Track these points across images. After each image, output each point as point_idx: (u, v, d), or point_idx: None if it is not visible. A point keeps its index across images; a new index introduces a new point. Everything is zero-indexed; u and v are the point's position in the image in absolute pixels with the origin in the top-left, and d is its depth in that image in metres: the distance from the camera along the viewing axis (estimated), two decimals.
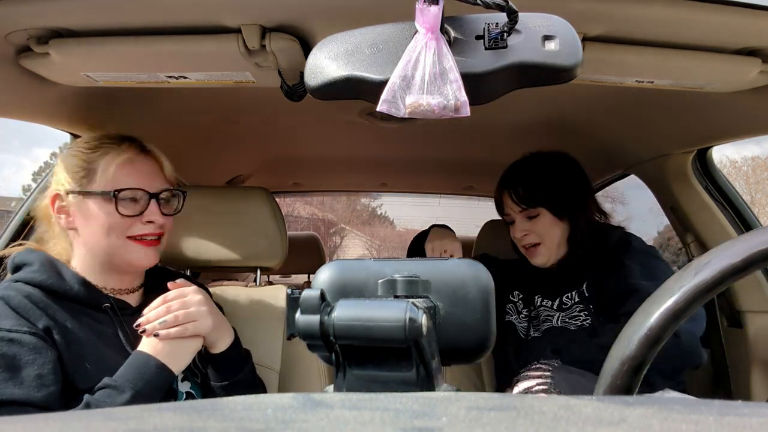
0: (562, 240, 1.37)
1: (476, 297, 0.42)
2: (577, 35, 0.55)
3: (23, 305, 0.91)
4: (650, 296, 0.43)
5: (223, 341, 1.04)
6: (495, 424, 0.23)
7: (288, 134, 1.91)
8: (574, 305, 1.34)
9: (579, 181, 1.40)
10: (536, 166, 1.40)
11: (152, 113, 1.48)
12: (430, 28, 0.55)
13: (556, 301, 1.39)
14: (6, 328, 0.88)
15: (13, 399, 0.83)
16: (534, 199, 1.35)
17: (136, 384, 0.89)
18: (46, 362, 0.88)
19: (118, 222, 0.99)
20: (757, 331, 1.56)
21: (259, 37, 0.91)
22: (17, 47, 0.96)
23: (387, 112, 0.55)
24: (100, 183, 0.99)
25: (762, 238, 0.40)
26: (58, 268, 0.99)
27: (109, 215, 0.99)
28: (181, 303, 0.98)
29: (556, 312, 1.38)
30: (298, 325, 0.37)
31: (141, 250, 1.02)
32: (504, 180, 1.42)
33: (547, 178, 1.37)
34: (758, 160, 14.31)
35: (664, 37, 0.93)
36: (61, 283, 0.96)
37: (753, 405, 0.26)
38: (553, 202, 1.34)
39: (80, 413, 0.25)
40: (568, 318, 1.34)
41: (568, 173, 1.39)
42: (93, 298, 0.99)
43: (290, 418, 0.24)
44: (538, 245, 1.37)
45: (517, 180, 1.39)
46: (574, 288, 1.35)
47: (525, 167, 1.41)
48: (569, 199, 1.35)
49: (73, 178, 1.00)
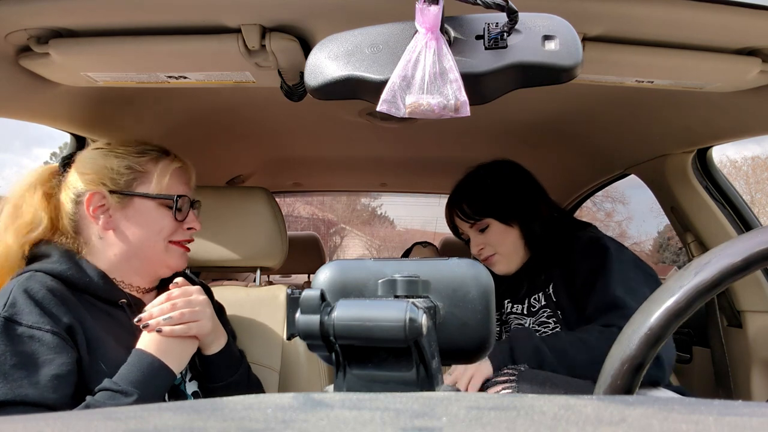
0: (517, 246, 1.38)
1: (476, 297, 0.42)
2: (577, 35, 0.55)
3: (47, 300, 0.89)
4: (650, 296, 0.43)
5: (218, 343, 1.05)
6: (495, 424, 0.23)
7: (288, 134, 1.91)
8: (542, 309, 1.35)
9: (523, 185, 1.41)
10: (477, 180, 1.43)
11: (152, 113, 1.48)
12: (430, 28, 0.55)
13: (525, 304, 1.40)
14: (28, 324, 0.86)
15: (26, 399, 0.82)
16: (479, 212, 1.38)
17: (140, 387, 0.88)
18: (65, 363, 0.86)
19: (170, 226, 1.03)
20: (757, 331, 1.56)
21: (259, 37, 0.91)
22: (17, 47, 0.96)
23: (387, 112, 0.55)
24: (155, 187, 1.02)
25: (762, 238, 0.40)
26: (77, 260, 0.98)
27: (162, 218, 1.03)
28: (186, 301, 0.98)
29: (526, 317, 1.38)
30: (298, 325, 0.37)
31: (181, 254, 1.07)
32: (450, 201, 1.45)
33: (489, 188, 1.39)
34: (758, 160, 14.31)
35: (664, 37, 0.93)
36: (81, 275, 0.96)
37: (753, 405, 0.26)
38: (497, 210, 1.37)
39: (80, 413, 0.25)
40: (537, 324, 1.35)
41: (509, 180, 1.41)
42: (110, 293, 0.99)
43: (290, 417, 0.24)
44: (494, 255, 1.39)
45: (461, 197, 1.41)
46: (539, 290, 1.36)
47: (467, 183, 1.44)
48: (514, 204, 1.37)
49: (116, 179, 1.01)
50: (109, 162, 1.02)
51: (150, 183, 1.03)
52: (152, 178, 1.03)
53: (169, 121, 1.56)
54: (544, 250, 1.36)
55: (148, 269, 1.05)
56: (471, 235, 1.41)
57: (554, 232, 1.37)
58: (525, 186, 1.41)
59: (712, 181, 1.63)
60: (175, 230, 1.04)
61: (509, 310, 1.44)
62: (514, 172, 1.43)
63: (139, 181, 1.02)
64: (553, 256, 1.35)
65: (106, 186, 1.01)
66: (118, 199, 1.01)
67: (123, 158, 1.03)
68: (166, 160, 1.05)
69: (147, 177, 1.03)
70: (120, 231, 1.01)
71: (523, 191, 1.40)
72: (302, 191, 3.10)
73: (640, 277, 1.25)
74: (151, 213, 1.02)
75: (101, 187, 1.01)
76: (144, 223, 1.02)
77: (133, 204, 1.01)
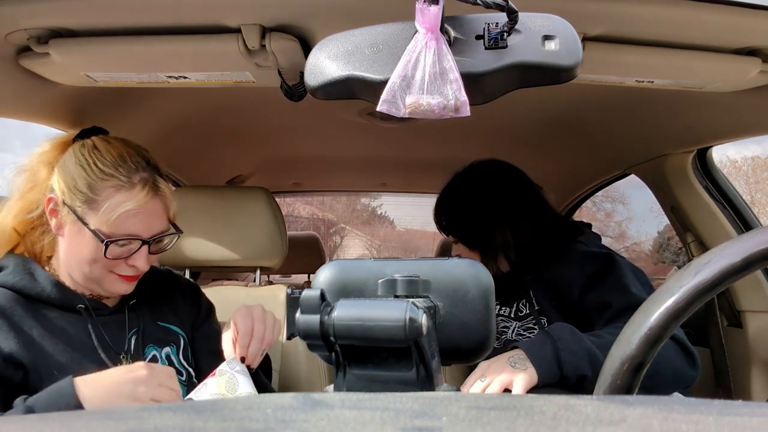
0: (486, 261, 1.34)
1: (476, 297, 0.42)
2: (577, 35, 0.55)
3: None
4: (650, 296, 0.43)
5: None
6: (495, 424, 0.23)
7: (288, 134, 1.91)
8: (528, 316, 1.33)
9: (496, 199, 1.34)
10: (445, 196, 1.40)
11: (152, 113, 1.48)
12: (430, 28, 0.55)
13: (513, 308, 1.38)
14: None
15: None
16: (445, 229, 1.39)
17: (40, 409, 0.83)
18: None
19: (103, 260, 0.96)
20: (757, 331, 1.56)
21: (259, 37, 0.91)
22: (17, 47, 0.96)
23: (387, 112, 0.55)
24: (99, 221, 0.94)
25: (762, 237, 0.40)
26: (32, 269, 0.97)
27: (95, 251, 0.95)
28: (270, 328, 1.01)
29: (513, 321, 1.36)
30: (298, 325, 0.37)
31: (121, 284, 1.00)
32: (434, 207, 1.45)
33: (457, 206, 1.37)
34: (758, 160, 14.29)
35: (664, 37, 0.93)
36: (32, 285, 0.94)
37: (753, 405, 0.26)
38: (460, 234, 1.37)
39: (80, 413, 0.25)
40: (522, 329, 1.33)
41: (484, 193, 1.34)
42: (65, 299, 0.96)
43: (290, 417, 0.24)
44: None
45: (437, 207, 1.41)
46: (524, 297, 1.34)
47: (442, 197, 1.42)
48: (478, 229, 1.34)
49: (73, 194, 0.95)
50: (76, 172, 0.96)
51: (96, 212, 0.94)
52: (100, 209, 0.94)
53: (168, 121, 1.56)
54: (529, 256, 1.32)
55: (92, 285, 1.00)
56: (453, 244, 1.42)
57: (542, 238, 1.32)
58: (507, 192, 1.35)
59: (712, 181, 1.63)
60: (114, 265, 0.97)
61: (497, 312, 1.42)
62: (496, 179, 1.37)
63: (89, 205, 0.95)
64: (538, 262, 1.31)
65: (64, 195, 0.95)
66: (66, 213, 0.96)
67: (89, 174, 0.96)
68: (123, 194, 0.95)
69: (97, 205, 0.95)
70: (66, 240, 0.98)
71: (503, 199, 1.33)
72: (302, 191, 3.10)
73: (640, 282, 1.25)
74: (85, 240, 0.95)
75: (58, 193, 0.96)
76: (80, 247, 0.96)
77: (76, 224, 0.95)
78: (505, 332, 1.37)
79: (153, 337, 1.04)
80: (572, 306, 1.25)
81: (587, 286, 1.23)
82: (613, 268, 1.23)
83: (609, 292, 1.20)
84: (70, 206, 0.95)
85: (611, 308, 1.19)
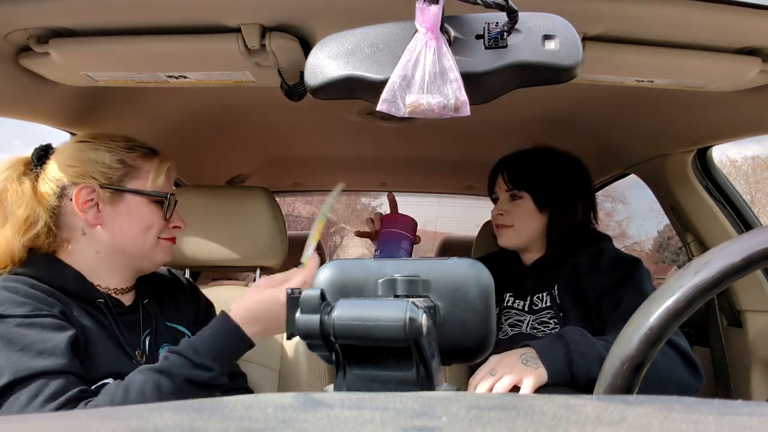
0: (536, 231, 1.36)
1: (476, 297, 0.42)
2: (577, 35, 0.55)
3: (33, 294, 0.89)
4: (650, 296, 0.43)
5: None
6: (495, 423, 0.23)
7: (288, 134, 1.91)
8: (545, 309, 1.33)
9: (575, 181, 1.39)
10: (535, 155, 1.41)
11: (152, 113, 1.48)
12: (430, 27, 0.55)
13: (527, 301, 1.37)
14: (22, 314, 0.85)
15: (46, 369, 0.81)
16: (521, 182, 1.36)
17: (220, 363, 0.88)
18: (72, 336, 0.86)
19: (160, 224, 1.03)
20: (757, 331, 1.56)
21: (259, 37, 0.91)
22: (17, 47, 0.96)
23: (387, 111, 0.55)
24: (151, 184, 1.02)
25: (762, 237, 0.40)
26: (53, 262, 0.98)
27: (152, 215, 1.02)
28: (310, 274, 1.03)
29: (527, 315, 1.36)
30: (298, 325, 0.37)
31: (168, 248, 1.06)
32: (502, 161, 1.44)
33: (541, 166, 1.38)
34: (758, 160, 14.30)
35: (664, 36, 0.93)
36: (56, 277, 0.95)
37: (753, 405, 0.26)
38: (537, 190, 1.35)
39: (80, 413, 0.25)
40: (537, 323, 1.32)
41: (564, 169, 1.39)
42: (88, 292, 0.98)
43: (290, 417, 0.24)
44: (509, 227, 1.37)
45: (513, 162, 1.40)
46: (545, 290, 1.34)
47: (524, 153, 1.43)
48: (556, 193, 1.35)
49: (107, 173, 0.99)
50: (99, 155, 1.00)
51: (142, 179, 1.01)
52: (144, 175, 1.01)
53: (168, 121, 1.56)
54: (561, 250, 1.35)
55: (133, 265, 1.03)
56: (501, 198, 1.40)
57: (578, 235, 1.36)
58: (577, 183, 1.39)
59: (712, 181, 1.63)
60: (164, 227, 1.04)
61: (509, 304, 1.41)
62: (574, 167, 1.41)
63: (131, 177, 1.01)
64: (568, 258, 1.33)
65: (96, 180, 0.98)
66: (109, 194, 0.99)
67: (114, 152, 1.00)
68: (157, 159, 1.05)
69: (139, 173, 1.01)
70: (109, 226, 0.99)
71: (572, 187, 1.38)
72: (302, 191, 3.10)
73: None
74: (143, 209, 1.01)
75: (91, 180, 0.98)
76: (135, 220, 1.00)
77: (125, 200, 1.00)
78: (519, 325, 1.36)
79: (165, 337, 1.06)
80: (590, 305, 1.26)
81: (611, 288, 1.24)
82: (637, 274, 1.25)
83: (628, 297, 1.21)
84: (113, 184, 0.99)
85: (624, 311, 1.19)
